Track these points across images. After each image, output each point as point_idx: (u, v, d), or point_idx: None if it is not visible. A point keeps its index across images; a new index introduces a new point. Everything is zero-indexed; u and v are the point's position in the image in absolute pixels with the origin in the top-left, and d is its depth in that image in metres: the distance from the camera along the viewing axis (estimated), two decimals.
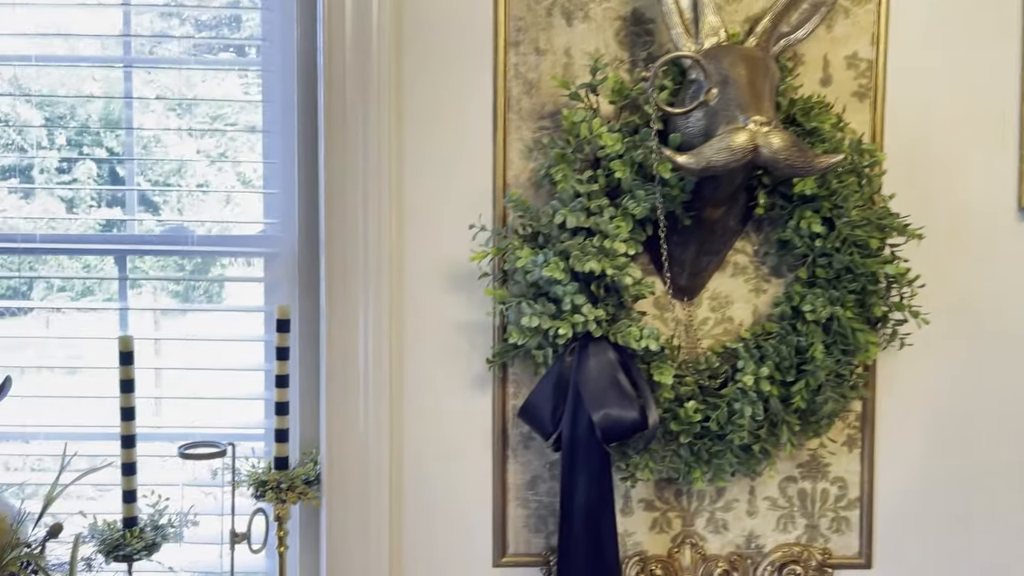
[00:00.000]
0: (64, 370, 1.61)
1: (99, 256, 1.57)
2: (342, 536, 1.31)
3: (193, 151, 1.58)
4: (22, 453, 1.52)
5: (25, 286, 1.56)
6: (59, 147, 1.58)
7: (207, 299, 1.64)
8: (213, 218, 1.60)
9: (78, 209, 1.59)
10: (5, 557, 1.24)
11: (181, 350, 1.59)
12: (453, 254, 1.30)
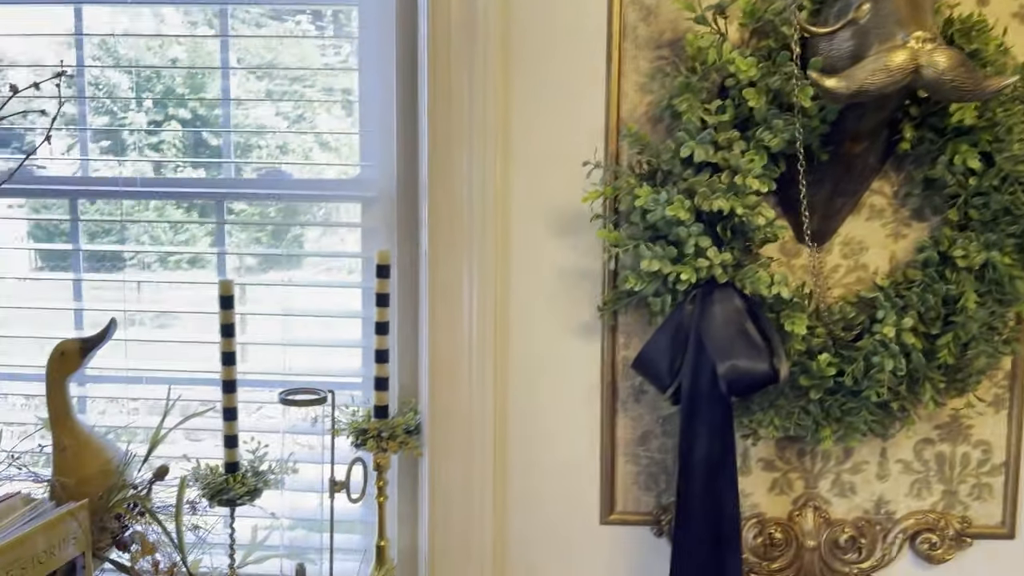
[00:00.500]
0: (167, 315, 1.61)
1: (198, 200, 1.55)
2: (445, 489, 1.27)
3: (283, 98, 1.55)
4: (126, 396, 1.53)
5: (126, 231, 1.56)
6: (146, 110, 1.56)
7: (301, 247, 1.61)
8: (309, 163, 1.56)
9: (173, 164, 1.57)
10: (112, 498, 1.25)
11: (279, 297, 1.57)
12: (561, 196, 1.23)
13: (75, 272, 1.54)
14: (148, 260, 1.58)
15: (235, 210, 1.56)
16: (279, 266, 1.57)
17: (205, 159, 1.56)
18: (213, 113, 1.54)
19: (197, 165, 1.55)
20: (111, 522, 1.25)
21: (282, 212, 1.56)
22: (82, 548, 1.19)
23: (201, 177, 1.53)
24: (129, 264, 1.56)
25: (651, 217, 1.06)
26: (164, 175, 1.54)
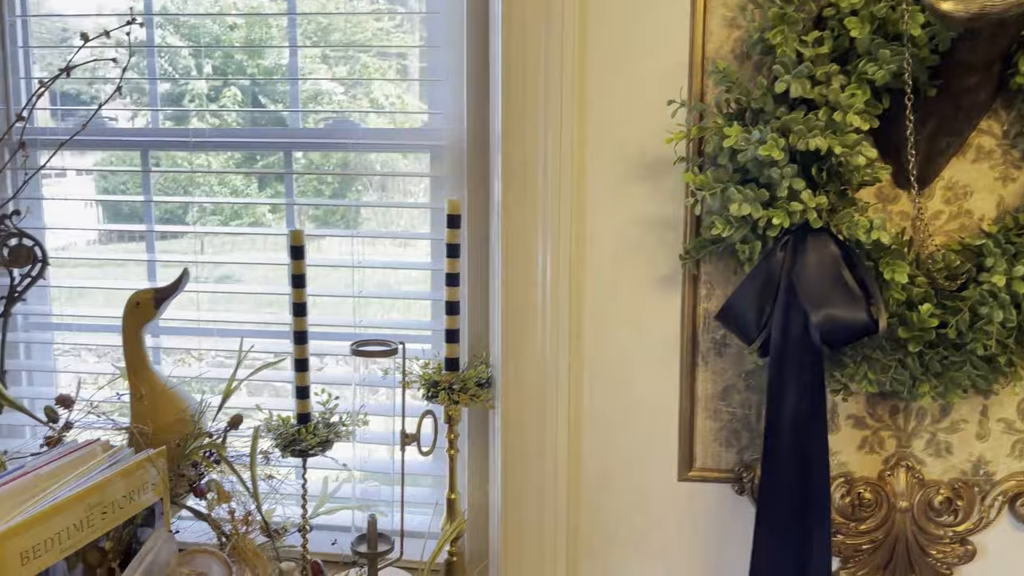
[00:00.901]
0: (237, 266, 1.60)
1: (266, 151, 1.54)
2: (518, 444, 1.25)
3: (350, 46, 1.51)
4: (199, 348, 1.54)
5: (193, 185, 1.55)
6: (206, 76, 1.54)
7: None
8: (377, 112, 1.53)
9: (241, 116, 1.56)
10: (189, 446, 1.26)
11: (347, 250, 1.55)
12: (641, 141, 1.17)
13: (148, 224, 1.54)
14: (214, 219, 1.58)
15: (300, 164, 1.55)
16: (346, 220, 1.56)
17: (273, 109, 1.54)
18: (278, 64, 1.52)
19: (265, 119, 1.53)
20: (188, 469, 1.26)
21: (348, 167, 1.54)
22: (160, 494, 1.21)
23: (269, 128, 1.52)
24: (196, 224, 1.56)
25: (741, 158, 1.00)
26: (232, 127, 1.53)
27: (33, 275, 1.45)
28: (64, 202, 1.59)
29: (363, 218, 1.53)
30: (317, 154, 1.53)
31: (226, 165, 1.57)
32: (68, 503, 1.04)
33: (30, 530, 0.99)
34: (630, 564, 1.27)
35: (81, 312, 1.58)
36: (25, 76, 1.52)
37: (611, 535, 1.27)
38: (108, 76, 1.48)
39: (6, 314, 1.45)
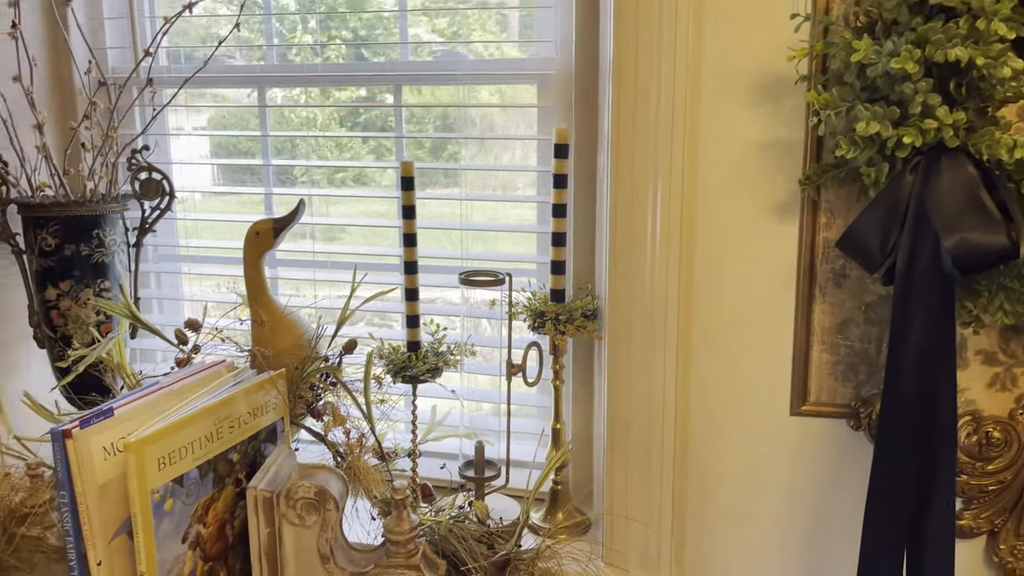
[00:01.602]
0: (349, 199, 1.64)
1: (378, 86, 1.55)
2: (625, 374, 1.24)
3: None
4: (313, 279, 1.60)
5: (310, 115, 1.59)
6: (310, 30, 1.56)
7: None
8: (483, 43, 1.52)
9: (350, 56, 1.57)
10: (306, 369, 1.31)
11: (454, 181, 1.57)
12: (760, 60, 1.12)
13: (264, 159, 1.60)
14: (324, 167, 1.62)
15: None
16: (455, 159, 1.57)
17: (382, 42, 1.55)
18: (379, 16, 1.53)
19: (376, 54, 1.55)
20: (306, 392, 1.31)
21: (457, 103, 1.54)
22: (280, 414, 1.27)
23: (379, 62, 1.54)
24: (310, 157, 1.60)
25: (871, 72, 0.94)
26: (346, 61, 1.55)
27: (162, 208, 1.53)
28: (188, 138, 1.66)
29: (472, 153, 1.53)
30: (428, 89, 1.54)
31: (350, 100, 1.60)
32: (198, 416, 1.11)
33: (165, 438, 1.06)
34: (738, 497, 1.26)
35: (205, 243, 1.66)
36: (150, 15, 1.58)
37: (719, 468, 1.26)
38: (227, 14, 1.53)
39: (138, 244, 1.54)
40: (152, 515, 1.04)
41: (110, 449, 1.05)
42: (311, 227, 1.56)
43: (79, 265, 1.42)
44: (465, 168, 1.50)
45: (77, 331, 1.41)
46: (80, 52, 1.51)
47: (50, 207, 1.39)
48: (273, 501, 1.13)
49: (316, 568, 1.15)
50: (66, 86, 1.57)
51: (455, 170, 1.53)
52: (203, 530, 1.13)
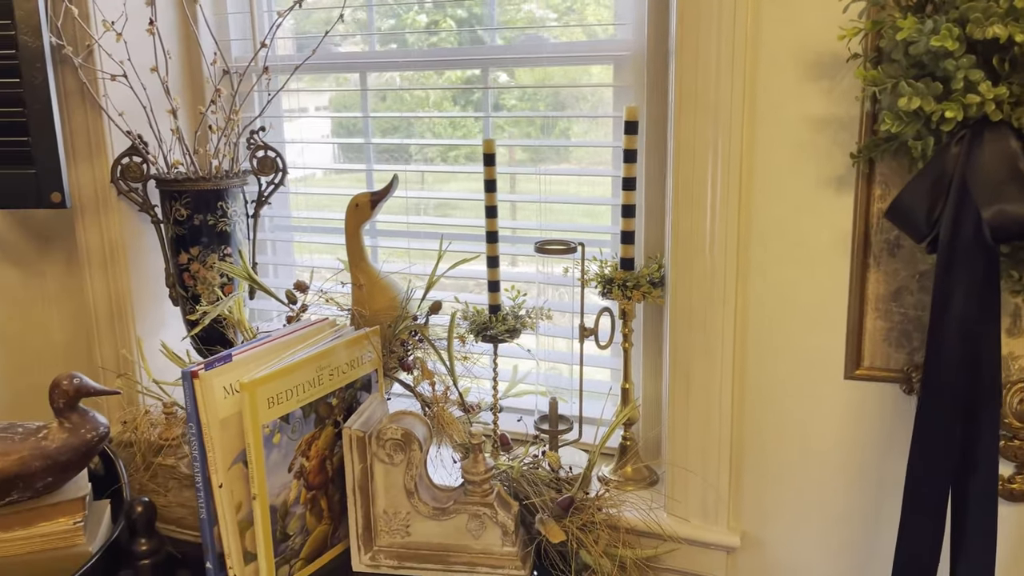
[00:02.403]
0: (461, 176, 1.78)
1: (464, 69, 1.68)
2: (685, 338, 1.32)
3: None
4: (406, 248, 1.75)
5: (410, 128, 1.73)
6: (426, 11, 1.68)
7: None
8: (562, 26, 1.62)
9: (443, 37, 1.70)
10: (398, 327, 1.46)
11: (535, 160, 1.68)
12: (815, 39, 1.17)
13: (365, 138, 1.75)
14: (436, 145, 1.76)
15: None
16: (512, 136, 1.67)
17: (470, 28, 1.67)
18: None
19: (464, 41, 1.67)
20: (397, 347, 1.46)
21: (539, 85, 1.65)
22: (375, 366, 1.43)
23: (467, 47, 1.66)
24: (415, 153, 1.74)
25: (913, 50, 0.98)
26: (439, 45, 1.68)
27: (276, 182, 1.72)
28: (299, 119, 1.84)
29: (558, 129, 1.64)
30: (525, 71, 1.65)
31: (443, 83, 1.73)
32: (303, 363, 1.28)
33: (274, 381, 1.23)
34: (793, 458, 1.33)
35: (313, 215, 1.84)
36: (268, 10, 1.76)
37: (775, 427, 1.33)
38: (335, 7, 1.68)
39: (256, 215, 1.73)
40: (263, 446, 1.22)
41: (229, 389, 1.23)
42: (416, 201, 1.71)
43: (206, 233, 1.62)
44: (544, 144, 1.61)
45: (204, 291, 1.62)
46: (207, 44, 1.71)
47: (182, 182, 1.59)
48: (366, 441, 1.29)
49: (402, 502, 1.31)
50: (195, 75, 1.78)
51: (565, 147, 1.64)
52: (306, 463, 1.30)
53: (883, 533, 1.28)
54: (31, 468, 1.12)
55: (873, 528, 1.29)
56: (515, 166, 1.68)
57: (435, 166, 1.77)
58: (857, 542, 1.32)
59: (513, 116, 1.68)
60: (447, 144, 1.76)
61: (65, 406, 1.17)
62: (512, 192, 1.68)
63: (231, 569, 1.26)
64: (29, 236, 1.79)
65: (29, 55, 1.41)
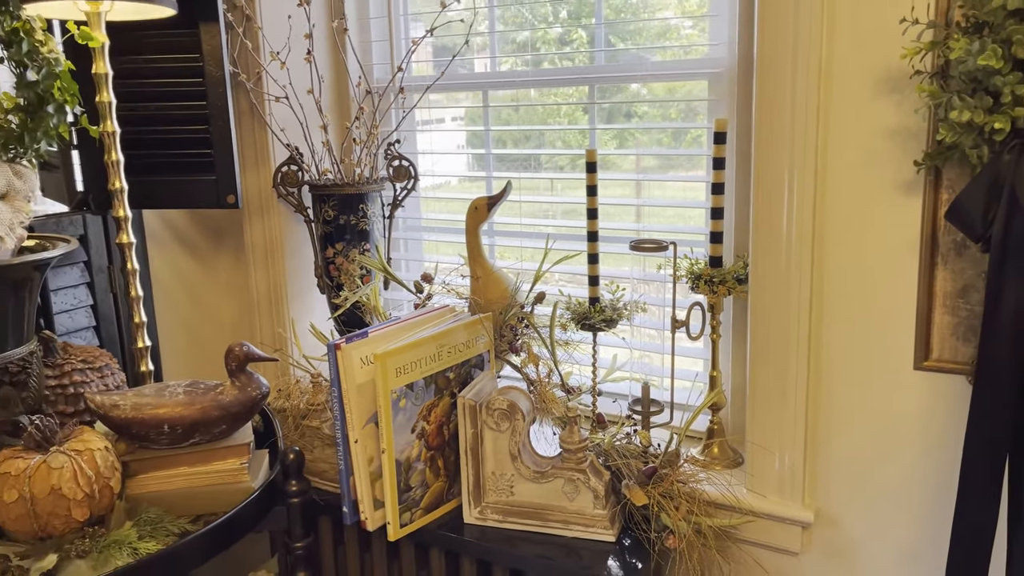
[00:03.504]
0: (547, 181, 1.98)
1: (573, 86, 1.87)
2: (764, 332, 1.45)
3: (669, 12, 1.76)
4: (517, 245, 1.95)
5: (538, 137, 1.94)
6: (561, 22, 1.88)
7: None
8: (663, 47, 1.77)
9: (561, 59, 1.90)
10: (507, 314, 1.66)
11: (633, 167, 1.84)
12: (885, 55, 1.28)
13: (486, 148, 1.97)
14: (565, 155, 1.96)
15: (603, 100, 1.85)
16: (639, 144, 1.84)
17: (574, 51, 1.86)
18: (628, 4, 1.80)
19: (572, 56, 1.86)
20: (507, 332, 1.67)
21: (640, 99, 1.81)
22: (488, 347, 1.63)
23: (574, 67, 1.85)
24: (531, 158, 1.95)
25: (962, 68, 1.09)
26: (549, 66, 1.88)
27: (408, 188, 1.96)
28: (430, 133, 2.09)
29: (689, 137, 1.80)
30: (658, 86, 1.83)
31: (555, 99, 1.93)
32: (426, 341, 1.50)
33: (401, 354, 1.46)
34: (865, 441, 1.43)
35: (440, 216, 2.08)
36: (405, 38, 2.02)
37: (848, 413, 1.43)
38: (462, 33, 1.92)
39: (390, 217, 1.99)
40: (391, 409, 1.45)
41: (365, 360, 1.47)
42: (529, 204, 1.92)
43: (349, 231, 1.88)
44: (647, 154, 1.77)
45: (347, 281, 1.88)
46: (353, 69, 1.98)
47: (331, 187, 1.86)
48: (477, 409, 1.50)
49: (507, 465, 1.50)
50: (343, 95, 2.05)
51: (635, 154, 1.80)
52: (427, 426, 1.52)
53: (949, 513, 1.36)
54: (210, 416, 1.39)
55: (940, 508, 1.38)
56: (642, 173, 1.84)
57: (544, 173, 1.96)
58: (925, 521, 1.40)
59: (613, 128, 1.85)
60: (557, 153, 1.95)
61: (236, 368, 1.44)
62: (637, 197, 1.85)
63: (363, 513, 1.50)
64: (206, 233, 2.13)
65: (213, 82, 1.71)
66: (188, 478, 1.40)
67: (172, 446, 1.39)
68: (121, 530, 1.25)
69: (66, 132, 1.37)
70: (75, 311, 1.76)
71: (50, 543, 1.22)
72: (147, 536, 1.26)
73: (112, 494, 1.29)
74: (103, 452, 1.29)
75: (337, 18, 1.92)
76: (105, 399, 1.38)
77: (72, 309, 1.75)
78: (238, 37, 1.82)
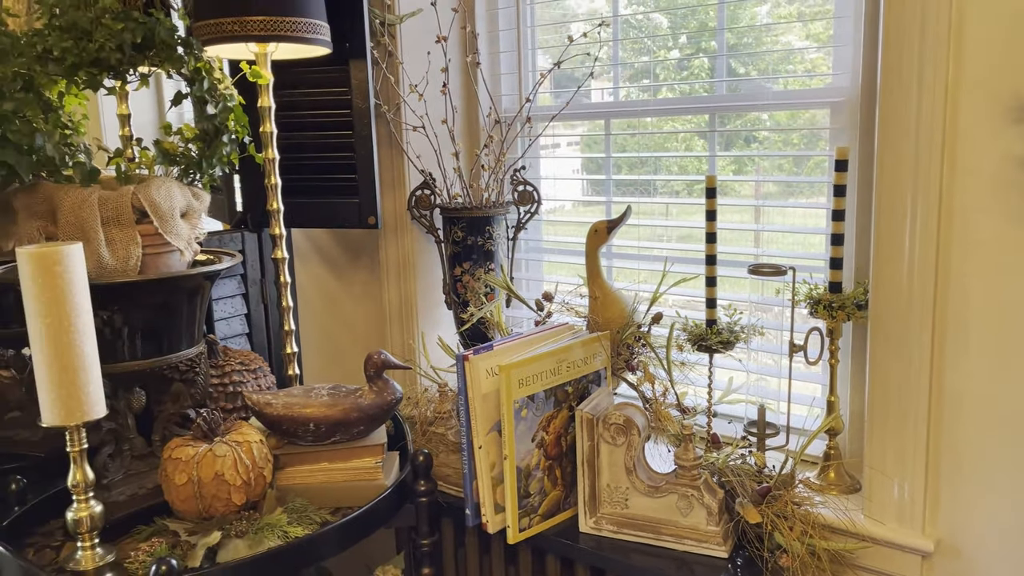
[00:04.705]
0: (664, 206, 2.03)
1: (695, 115, 1.93)
2: (883, 357, 1.45)
3: (792, 35, 1.81)
4: (635, 268, 2.02)
5: (655, 161, 2.01)
6: (680, 47, 1.95)
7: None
8: (785, 78, 1.81)
9: (682, 88, 1.96)
10: (625, 333, 1.73)
11: (752, 193, 1.87)
12: (1016, 81, 1.28)
13: (606, 174, 2.06)
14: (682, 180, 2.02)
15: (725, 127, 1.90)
16: (758, 170, 1.87)
17: (694, 79, 1.92)
18: (722, 39, 1.87)
19: (693, 87, 1.92)
20: (624, 350, 1.73)
21: (761, 127, 1.85)
22: (605, 364, 1.70)
23: (694, 95, 1.90)
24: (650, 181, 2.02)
25: None
26: (671, 95, 1.94)
27: (532, 211, 2.07)
28: (553, 160, 2.19)
29: (775, 164, 1.83)
30: (782, 114, 1.87)
31: (674, 127, 2.00)
32: (547, 355, 1.59)
33: (524, 366, 1.55)
34: (990, 471, 1.40)
35: (562, 239, 2.17)
36: (532, 70, 2.13)
37: (972, 443, 1.41)
38: (586, 65, 2.01)
39: (514, 239, 2.10)
40: (513, 417, 1.54)
41: (490, 371, 1.57)
42: (647, 228, 1.98)
43: (476, 252, 2.00)
44: (767, 180, 1.80)
45: (472, 298, 1.99)
46: (484, 100, 2.11)
47: (460, 210, 1.99)
48: (594, 423, 1.57)
49: (622, 478, 1.56)
50: (473, 124, 2.19)
51: (754, 181, 1.84)
52: (546, 436, 1.60)
53: None
54: (350, 417, 1.52)
55: None
56: (762, 199, 1.88)
57: (660, 198, 2.02)
58: None
59: (735, 155, 1.90)
60: (676, 179, 2.01)
61: (374, 374, 1.57)
62: (756, 223, 1.89)
63: (484, 516, 1.60)
64: (345, 251, 2.30)
65: (359, 113, 1.88)
66: (328, 473, 1.53)
67: (316, 443, 1.53)
68: (272, 515, 1.40)
69: (236, 159, 1.55)
70: (231, 319, 1.95)
71: (212, 523, 1.37)
72: (294, 522, 1.40)
73: (265, 483, 1.44)
74: (259, 444, 1.44)
75: (471, 53, 2.06)
76: (260, 398, 1.53)
77: (229, 317, 1.94)
78: (380, 72, 1.98)
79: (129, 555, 1.30)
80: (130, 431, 1.51)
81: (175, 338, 1.48)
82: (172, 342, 1.48)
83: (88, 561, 1.24)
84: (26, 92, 1.35)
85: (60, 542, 1.39)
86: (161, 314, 1.44)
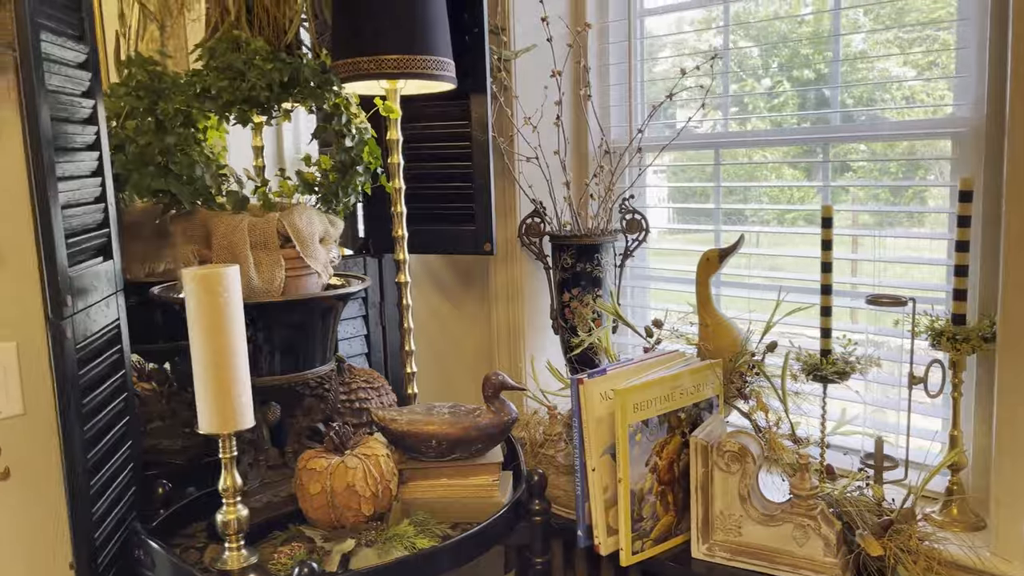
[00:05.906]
0: (778, 235, 2.04)
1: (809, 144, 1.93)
2: (1012, 392, 1.42)
3: (896, 62, 1.81)
4: (748, 297, 2.02)
5: (750, 192, 2.03)
6: (771, 75, 1.97)
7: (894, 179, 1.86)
8: (903, 106, 1.80)
9: (790, 118, 1.97)
10: (737, 361, 1.74)
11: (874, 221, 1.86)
12: None
13: (715, 203, 2.08)
14: (766, 213, 2.03)
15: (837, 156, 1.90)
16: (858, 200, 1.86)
17: (812, 111, 1.93)
18: (836, 70, 1.88)
19: (806, 117, 1.93)
20: (736, 379, 1.74)
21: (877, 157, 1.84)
22: (716, 392, 1.72)
23: (809, 126, 1.91)
24: (751, 214, 2.03)
25: None
26: (783, 125, 1.96)
27: (640, 239, 2.10)
28: (660, 188, 2.22)
29: (911, 192, 1.82)
30: (879, 144, 1.87)
31: (784, 157, 2.01)
32: (660, 380, 1.61)
33: (639, 391, 1.58)
34: None
35: (668, 266, 2.20)
36: (641, 103, 2.18)
37: None
38: (695, 97, 2.05)
39: (622, 266, 2.13)
40: (628, 441, 1.57)
41: (604, 395, 1.60)
42: (757, 257, 1.99)
43: (584, 278, 2.04)
44: (882, 210, 1.79)
45: (580, 324, 2.04)
46: (595, 130, 2.16)
47: (569, 238, 2.04)
48: (708, 449, 1.58)
49: (736, 505, 1.57)
50: (582, 154, 2.25)
51: (871, 211, 1.83)
52: (659, 461, 1.63)
53: None
54: (470, 436, 1.58)
55: None
56: (858, 228, 1.87)
57: (771, 227, 2.03)
58: None
59: (845, 184, 1.89)
60: (790, 209, 2.01)
61: (492, 395, 1.63)
62: (853, 251, 1.88)
63: (596, 538, 1.62)
64: (457, 275, 2.39)
65: (477, 144, 1.96)
66: (448, 488, 1.59)
67: (437, 459, 1.60)
68: (399, 526, 1.46)
69: (368, 188, 1.65)
70: (353, 339, 2.06)
71: (344, 531, 1.44)
72: (419, 535, 1.46)
73: (391, 495, 1.51)
74: (386, 458, 1.51)
75: (583, 86, 2.12)
76: (385, 414, 1.61)
77: (351, 337, 2.05)
78: (496, 104, 2.06)
79: (272, 558, 1.39)
80: (266, 442, 1.61)
81: (310, 355, 1.58)
82: (307, 359, 1.57)
83: (234, 561, 1.33)
84: (185, 127, 1.48)
85: (204, 543, 1.49)
86: (298, 332, 1.54)
